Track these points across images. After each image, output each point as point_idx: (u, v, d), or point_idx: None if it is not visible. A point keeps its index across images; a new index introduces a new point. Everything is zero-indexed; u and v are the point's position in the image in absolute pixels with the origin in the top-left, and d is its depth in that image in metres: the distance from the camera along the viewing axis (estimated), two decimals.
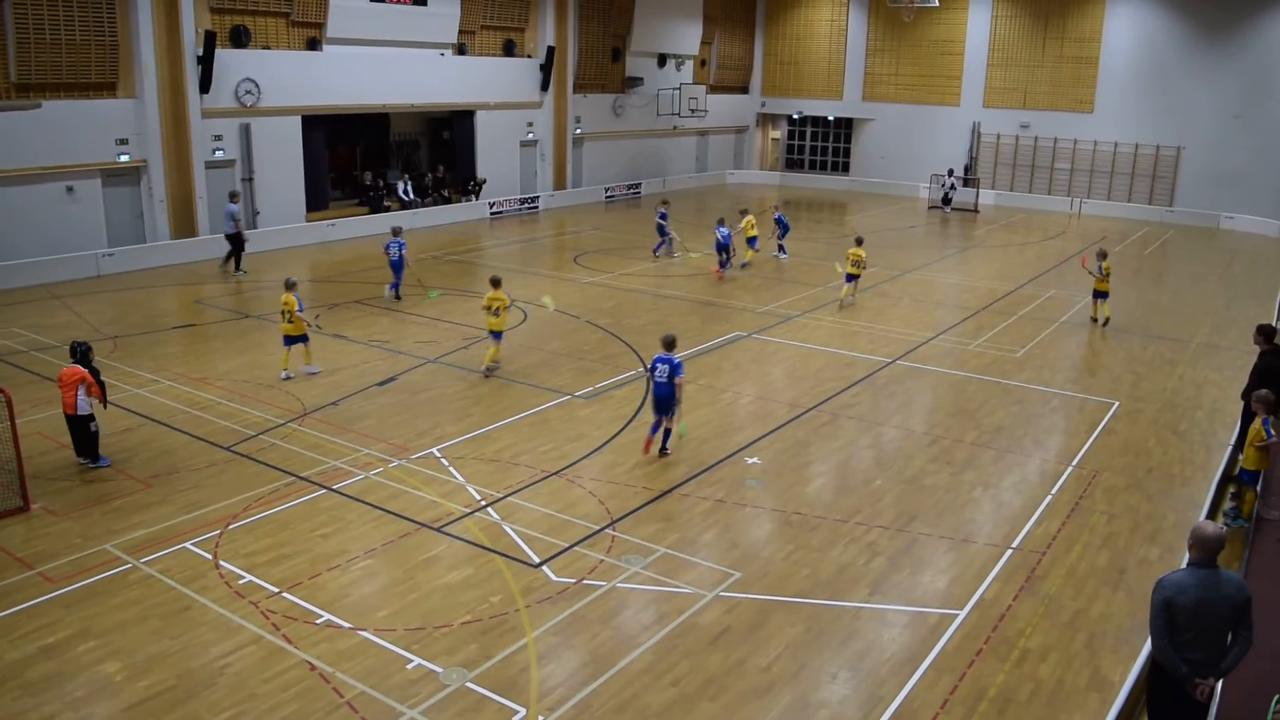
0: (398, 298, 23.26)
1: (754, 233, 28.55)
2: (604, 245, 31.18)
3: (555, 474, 13.48)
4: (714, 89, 48.34)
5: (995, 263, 30.56)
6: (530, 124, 38.36)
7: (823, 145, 51.01)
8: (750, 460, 14.22)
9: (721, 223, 27.35)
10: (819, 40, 49.46)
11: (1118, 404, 17.38)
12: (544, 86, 38.34)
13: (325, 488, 12.85)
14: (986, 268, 29.61)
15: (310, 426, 15.01)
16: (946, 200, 42.58)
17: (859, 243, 24.62)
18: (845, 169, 50.09)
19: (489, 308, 17.67)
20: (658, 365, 13.87)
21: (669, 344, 13.99)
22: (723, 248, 26.69)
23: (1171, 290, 27.80)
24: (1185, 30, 40.25)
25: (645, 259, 28.74)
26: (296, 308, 17.03)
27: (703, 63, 47.90)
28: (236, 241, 25.95)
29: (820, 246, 32.25)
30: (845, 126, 49.90)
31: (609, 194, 42.22)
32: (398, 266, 23.10)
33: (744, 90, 51.35)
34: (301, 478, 13.12)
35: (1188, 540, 7.32)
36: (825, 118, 50.27)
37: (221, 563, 10.93)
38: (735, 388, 17.53)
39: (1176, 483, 14.06)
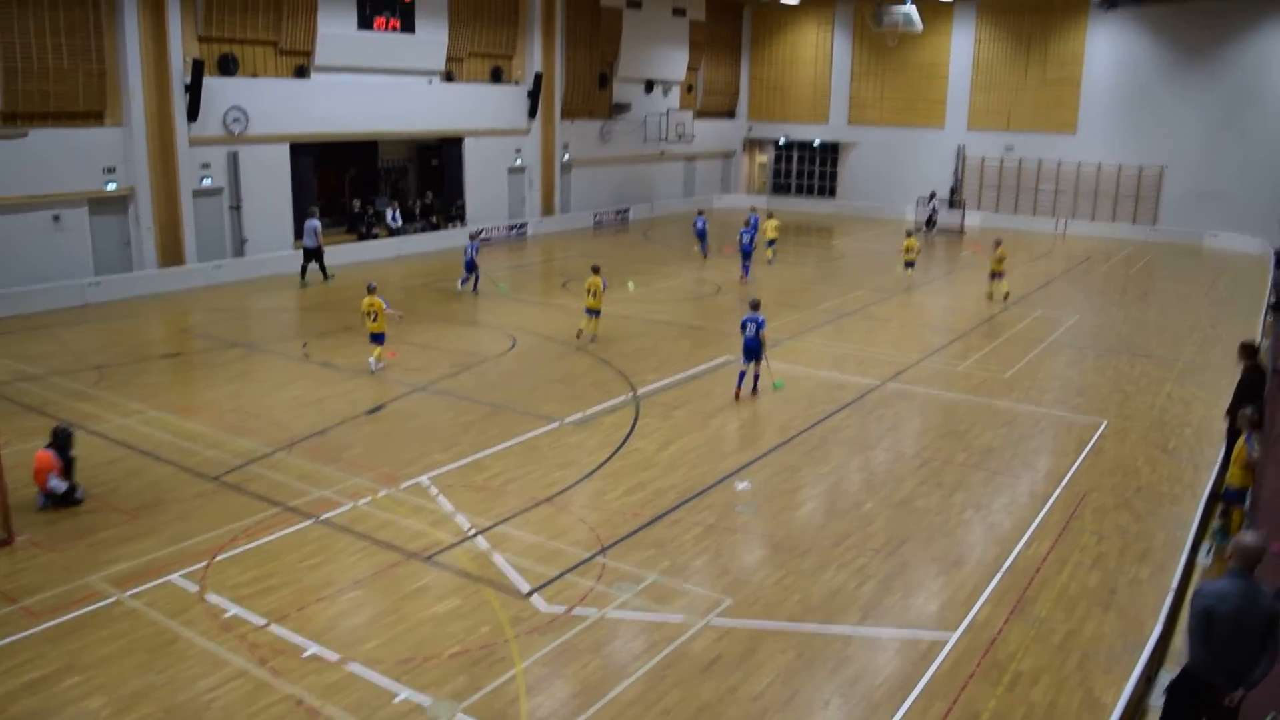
0: (459, 290, 27.20)
1: (775, 235, 33.34)
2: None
3: (545, 501, 13.39)
4: (701, 114, 48.54)
5: (981, 284, 30.61)
6: (518, 150, 38.44)
7: (809, 169, 51.22)
8: (740, 485, 14.16)
9: (748, 224, 30.93)
10: (804, 65, 49.77)
11: (1106, 423, 17.38)
12: (531, 113, 38.44)
13: (313, 518, 12.73)
14: (973, 289, 29.66)
15: (298, 456, 14.90)
16: (930, 223, 42.75)
17: (909, 234, 30.56)
18: (832, 192, 50.28)
19: (589, 290, 21.69)
20: (747, 324, 17.80)
21: (755, 305, 18.03)
22: (747, 253, 29.77)
23: (1157, 309, 27.89)
24: (1165, 51, 40.61)
25: (635, 284, 28.72)
26: (384, 307, 19.37)
27: (689, 88, 48.12)
28: (318, 254, 28.15)
29: (808, 270, 32.30)
30: (831, 150, 50.13)
31: (597, 219, 42.26)
32: (470, 265, 27.06)
33: (730, 115, 51.58)
34: (289, 508, 13.00)
35: (1227, 550, 7.47)
36: (811, 142, 50.50)
37: (208, 595, 10.80)
38: (725, 413, 17.48)
39: (1165, 501, 14.04)
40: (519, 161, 38.58)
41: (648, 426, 16.56)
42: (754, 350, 17.88)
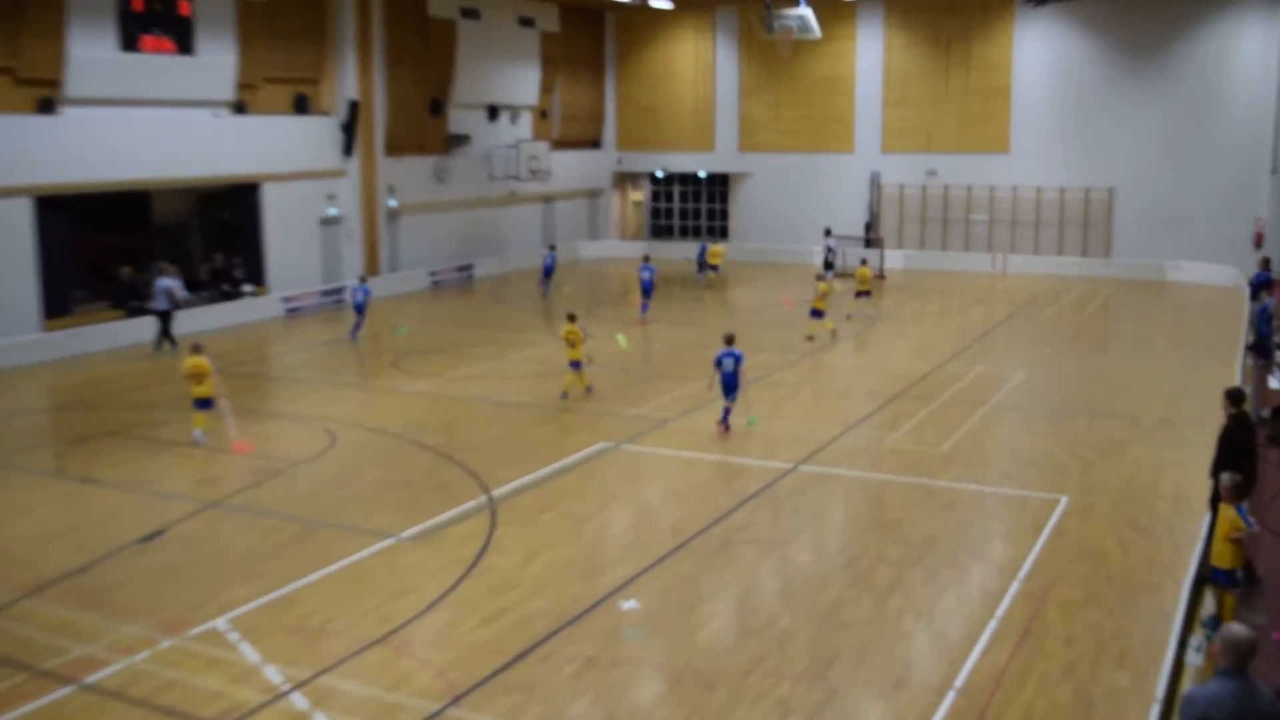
0: (354, 339, 31.24)
1: (718, 261, 42.65)
2: (431, 344, 30.99)
3: (379, 641, 13.04)
4: (559, 145, 49.18)
5: (909, 338, 31.39)
6: (332, 196, 38.23)
7: (694, 207, 52.20)
8: (626, 605, 14.04)
9: (647, 261, 35.49)
10: (682, 82, 50.89)
11: (1066, 499, 17.82)
12: (347, 150, 38.34)
13: (73, 683, 12.13)
14: (899, 344, 30.37)
15: (50, 602, 14.24)
16: (828, 265, 43.68)
17: (819, 278, 32.69)
18: (723, 233, 51.23)
19: (568, 341, 24.19)
20: (723, 359, 21.10)
21: (730, 339, 21.42)
22: (648, 291, 34.39)
23: (1118, 357, 28.95)
24: (1108, 52, 42.77)
25: (484, 358, 28.61)
26: (211, 370, 21.08)
27: (543, 114, 48.71)
28: (167, 317, 30.13)
29: (699, 330, 32.65)
30: (720, 184, 51.20)
31: (435, 278, 42.21)
32: (360, 308, 31.14)
33: (595, 145, 52.33)
34: (40, 672, 12.36)
35: (1217, 645, 7.57)
36: (695, 174, 51.49)
37: None
38: (603, 514, 17.40)
39: (1142, 591, 14.39)
40: (334, 210, 38.34)
41: (508, 537, 16.36)
42: (735, 386, 21.19)
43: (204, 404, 21.06)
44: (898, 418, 22.88)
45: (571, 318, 24.34)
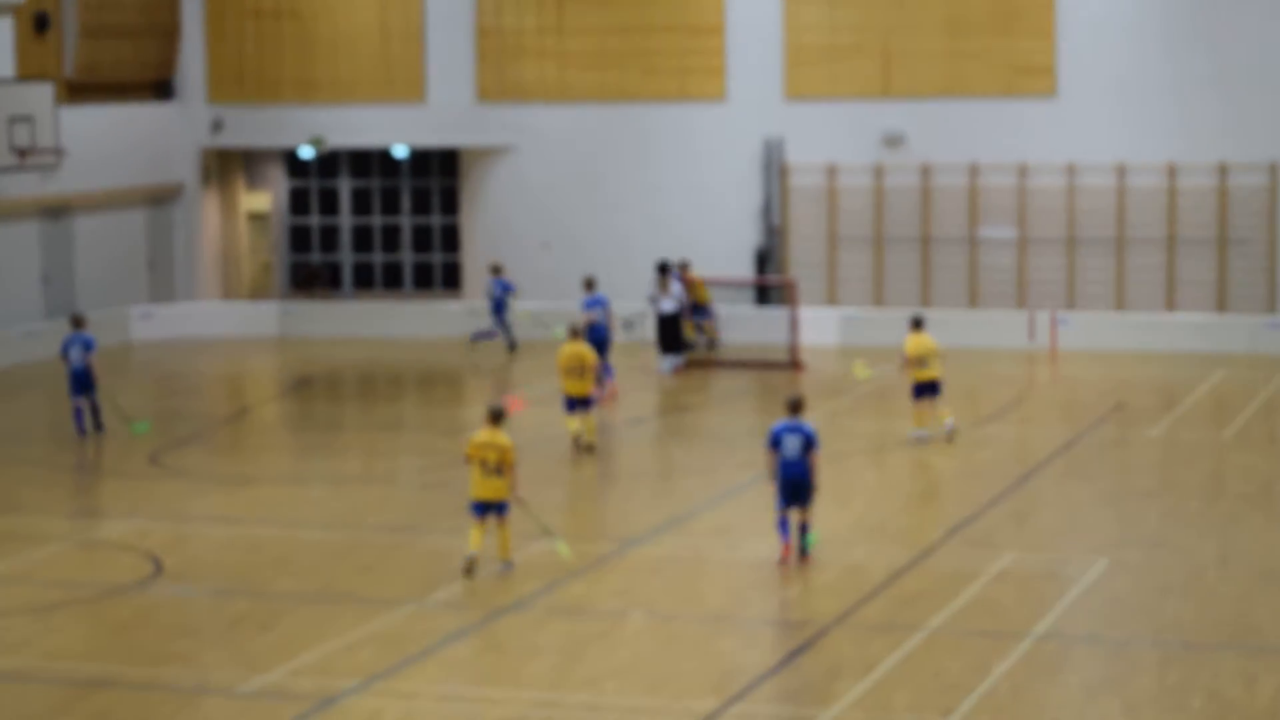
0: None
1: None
2: None
3: None
4: (80, 92, 48.87)
5: (856, 497, 31.66)
6: None
7: (387, 224, 52.15)
8: None
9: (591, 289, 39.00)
10: None
11: None
12: None
13: None
14: (835, 512, 30.53)
15: None
16: (673, 343, 43.73)
17: (917, 325, 36.66)
18: (451, 282, 51.17)
19: (575, 369, 30.69)
20: (783, 437, 25.75)
21: (796, 406, 26.32)
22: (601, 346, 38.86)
23: None
24: None
25: None
26: None
27: (40, 22, 48.28)
28: None
29: (387, 494, 32.49)
30: (444, 171, 51.27)
31: None
32: (80, 380, 38.14)
33: (164, 92, 52.08)
34: None
35: None
36: (387, 152, 51.49)
37: None
38: None
39: None
40: None
41: None
42: (801, 486, 25.70)
43: None
44: (836, 671, 22.65)
45: (573, 334, 30.30)
